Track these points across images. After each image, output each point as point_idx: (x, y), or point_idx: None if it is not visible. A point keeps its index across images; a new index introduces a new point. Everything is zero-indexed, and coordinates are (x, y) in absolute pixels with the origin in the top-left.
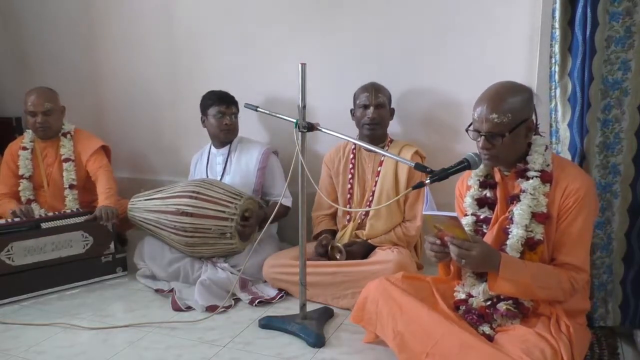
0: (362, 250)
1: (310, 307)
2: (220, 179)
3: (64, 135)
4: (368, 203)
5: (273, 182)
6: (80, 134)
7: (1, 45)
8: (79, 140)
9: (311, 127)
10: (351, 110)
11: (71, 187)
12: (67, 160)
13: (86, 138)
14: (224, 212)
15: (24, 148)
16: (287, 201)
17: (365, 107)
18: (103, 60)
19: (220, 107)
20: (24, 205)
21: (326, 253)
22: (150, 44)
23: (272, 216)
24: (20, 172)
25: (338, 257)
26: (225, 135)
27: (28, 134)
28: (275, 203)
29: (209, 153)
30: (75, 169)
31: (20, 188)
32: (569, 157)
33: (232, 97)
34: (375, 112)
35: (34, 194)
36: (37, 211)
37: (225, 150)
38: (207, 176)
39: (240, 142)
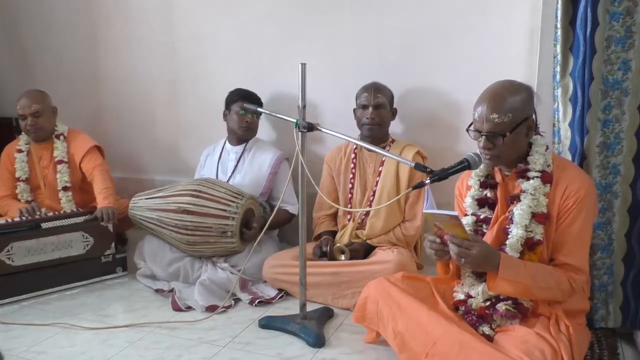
0: (362, 249)
1: (310, 307)
2: (230, 175)
3: (57, 137)
4: (369, 203)
5: (281, 189)
6: (74, 134)
7: (1, 46)
8: (72, 141)
9: (311, 127)
10: (354, 110)
11: (65, 189)
12: (60, 162)
13: (79, 138)
14: (225, 210)
15: (19, 150)
16: (293, 209)
17: (365, 107)
18: (103, 60)
19: (244, 104)
20: (30, 203)
21: (325, 255)
22: (150, 44)
23: (269, 220)
24: (17, 175)
25: (342, 258)
26: (243, 133)
27: (23, 137)
28: (280, 208)
29: (223, 148)
30: (69, 170)
31: (17, 190)
32: (569, 157)
33: (258, 98)
34: (373, 112)
35: (32, 195)
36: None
37: (240, 148)
38: (218, 170)
39: (256, 143)
